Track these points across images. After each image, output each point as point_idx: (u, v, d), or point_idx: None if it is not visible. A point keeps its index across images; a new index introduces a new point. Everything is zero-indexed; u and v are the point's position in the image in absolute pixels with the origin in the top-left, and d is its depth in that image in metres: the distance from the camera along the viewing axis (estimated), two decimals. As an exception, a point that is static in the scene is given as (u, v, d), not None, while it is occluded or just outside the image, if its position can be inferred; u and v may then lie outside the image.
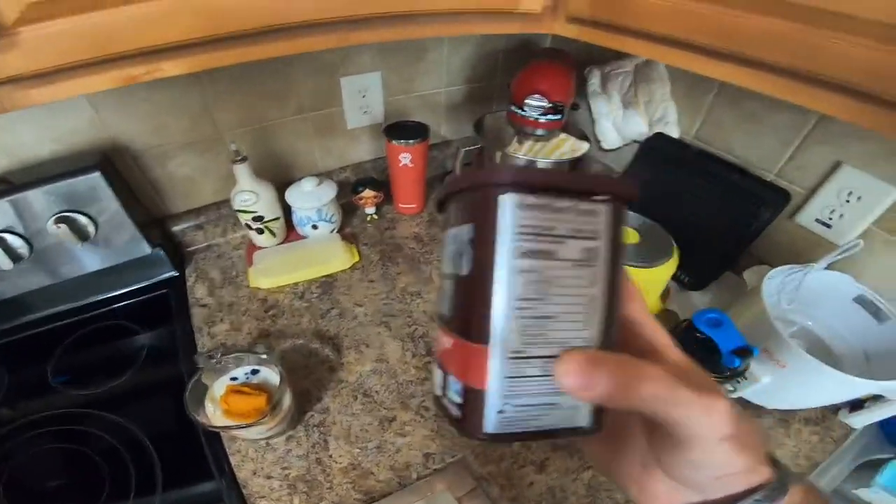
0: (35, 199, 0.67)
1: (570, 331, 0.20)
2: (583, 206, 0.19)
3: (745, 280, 0.74)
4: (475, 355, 0.20)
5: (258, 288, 0.83)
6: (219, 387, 0.61)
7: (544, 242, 0.19)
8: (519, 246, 0.19)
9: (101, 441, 0.62)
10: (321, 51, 0.80)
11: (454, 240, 0.22)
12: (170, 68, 0.48)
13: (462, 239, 0.21)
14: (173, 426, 0.65)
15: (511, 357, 0.20)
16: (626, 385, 0.19)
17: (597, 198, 0.20)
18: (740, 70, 0.44)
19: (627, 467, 0.26)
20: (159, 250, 0.82)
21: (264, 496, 0.57)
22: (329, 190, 0.85)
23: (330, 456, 0.62)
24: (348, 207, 0.98)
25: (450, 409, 0.22)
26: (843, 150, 0.65)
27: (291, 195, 0.85)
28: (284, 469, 0.60)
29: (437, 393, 0.25)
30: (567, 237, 0.19)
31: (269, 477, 0.59)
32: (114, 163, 0.75)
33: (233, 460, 0.60)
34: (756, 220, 0.73)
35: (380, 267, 0.89)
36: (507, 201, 0.19)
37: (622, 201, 0.20)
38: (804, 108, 0.42)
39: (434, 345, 0.28)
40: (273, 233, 0.86)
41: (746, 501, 0.21)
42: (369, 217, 0.97)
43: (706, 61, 0.46)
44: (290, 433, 0.64)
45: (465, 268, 0.21)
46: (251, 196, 0.78)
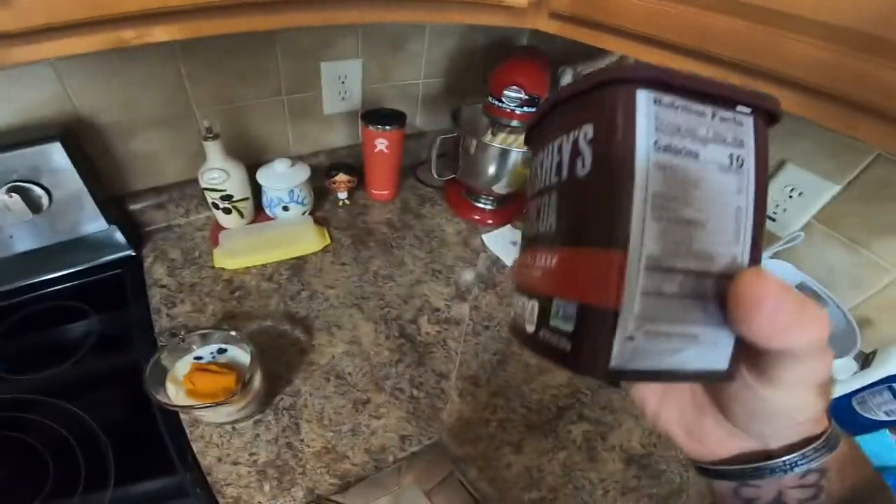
0: (-12, 167, 0.59)
1: (719, 244, 0.17)
2: (725, 114, 0.17)
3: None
4: (601, 265, 0.16)
5: (223, 269, 0.77)
6: (182, 366, 0.56)
7: (686, 140, 0.16)
8: (658, 139, 0.16)
9: (48, 430, 0.55)
10: (305, 33, 0.79)
11: (557, 151, 0.20)
12: (160, 34, 0.46)
13: (575, 143, 0.18)
14: (128, 413, 0.58)
15: (648, 267, 0.16)
16: (802, 322, 0.16)
17: (740, 108, 0.17)
18: (705, 67, 0.46)
19: (678, 409, 0.24)
20: (115, 228, 0.74)
21: (231, 483, 0.53)
22: (302, 172, 0.82)
23: (301, 440, 0.58)
24: (321, 191, 0.94)
25: (555, 343, 0.18)
26: (788, 149, 0.69)
27: (263, 175, 0.80)
28: (252, 455, 0.55)
29: (528, 329, 0.21)
30: (710, 140, 0.17)
31: (237, 463, 0.54)
32: (76, 135, 0.69)
33: (195, 447, 0.55)
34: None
35: (352, 250, 0.85)
36: (643, 96, 0.16)
37: (766, 117, 0.18)
38: None
39: (513, 275, 0.24)
40: (241, 213, 0.80)
41: (807, 450, 0.20)
42: (342, 202, 0.94)
43: (674, 58, 0.48)
44: (258, 417, 0.59)
45: (583, 169, 0.17)
46: (221, 174, 0.74)
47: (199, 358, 0.57)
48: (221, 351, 0.58)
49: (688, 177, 0.16)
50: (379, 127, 0.83)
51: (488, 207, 0.96)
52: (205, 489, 0.52)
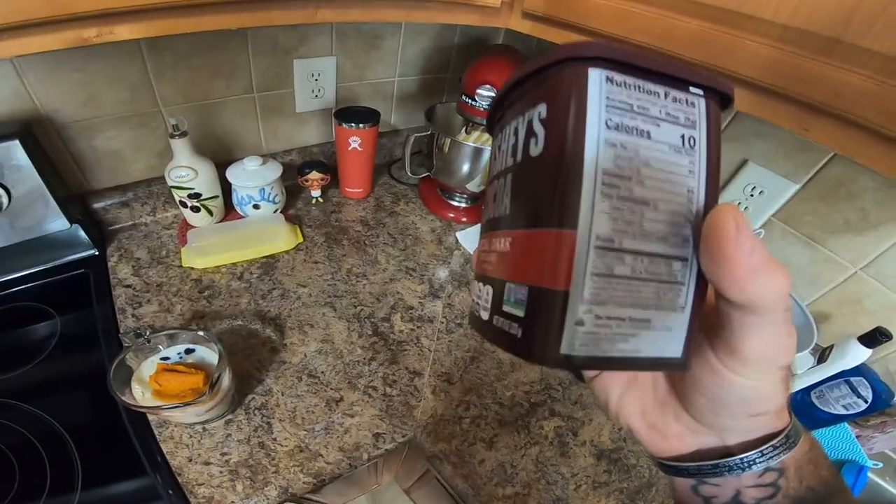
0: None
1: (670, 223, 0.16)
2: (678, 95, 0.17)
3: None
4: (552, 245, 0.16)
5: (192, 268, 0.75)
6: (148, 367, 0.54)
7: (638, 119, 0.16)
8: (609, 118, 0.16)
9: (12, 434, 0.53)
10: (279, 30, 0.78)
11: (513, 133, 0.19)
12: (123, 32, 0.45)
13: (529, 124, 0.18)
14: (94, 415, 0.57)
15: (599, 247, 0.16)
16: (771, 269, 0.16)
17: (693, 90, 0.17)
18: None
19: (640, 403, 0.24)
20: (78, 227, 0.72)
21: (203, 483, 0.51)
22: (274, 169, 0.80)
23: (274, 439, 0.57)
24: (293, 190, 0.92)
25: (507, 329, 0.18)
26: (749, 149, 0.71)
27: (233, 173, 0.78)
28: (224, 455, 0.54)
29: (483, 316, 0.20)
30: (662, 119, 0.17)
31: (208, 463, 0.53)
32: (35, 133, 0.66)
33: (164, 447, 0.54)
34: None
35: (324, 249, 0.84)
36: (596, 74, 0.16)
37: (719, 100, 0.18)
38: None
39: (473, 263, 0.24)
40: (210, 211, 0.78)
41: (765, 448, 0.20)
42: (314, 200, 0.92)
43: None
44: (230, 417, 0.58)
45: (536, 149, 0.17)
46: (189, 172, 0.72)
47: (166, 358, 0.56)
48: (189, 351, 0.57)
49: (639, 156, 0.16)
50: (352, 125, 0.82)
51: (462, 205, 0.96)
52: (176, 490, 0.51)
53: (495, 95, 0.21)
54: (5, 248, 0.68)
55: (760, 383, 0.18)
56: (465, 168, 0.85)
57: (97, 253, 0.75)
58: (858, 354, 0.55)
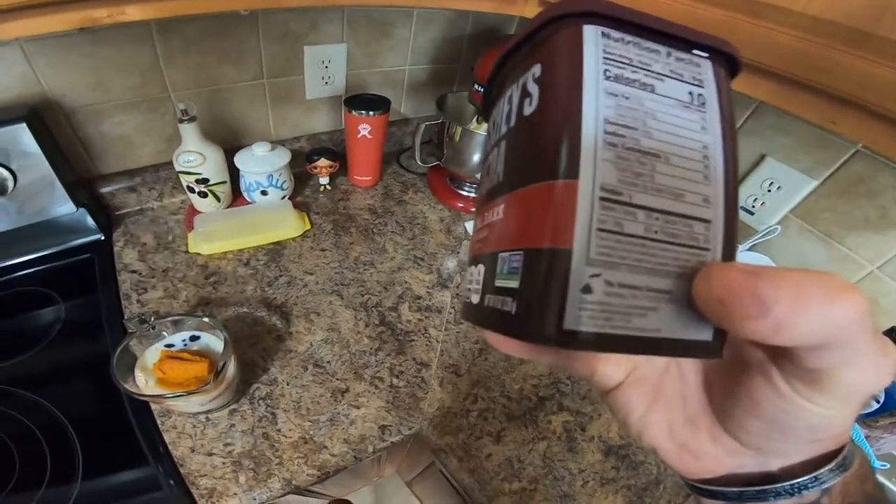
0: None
1: (686, 180, 0.14)
2: (681, 55, 0.15)
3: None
4: (548, 198, 0.13)
5: (198, 254, 0.73)
6: (152, 354, 0.52)
7: (639, 73, 0.14)
8: (607, 68, 0.14)
9: (13, 421, 0.51)
10: (290, 16, 0.75)
11: (508, 102, 0.18)
12: (134, 13, 0.43)
13: (523, 86, 0.16)
14: (96, 403, 0.55)
15: (605, 198, 0.13)
16: (810, 306, 0.12)
17: (697, 52, 0.15)
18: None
19: (667, 421, 0.20)
20: (84, 212, 0.70)
21: (205, 475, 0.50)
22: (282, 156, 0.78)
23: (278, 430, 0.55)
24: (301, 176, 0.90)
25: (499, 307, 0.15)
26: (768, 143, 0.68)
27: (241, 159, 0.76)
28: (227, 445, 0.52)
29: (474, 300, 0.18)
30: (665, 76, 0.15)
31: (211, 454, 0.51)
32: (43, 117, 0.64)
33: (167, 437, 0.52)
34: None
35: (332, 236, 0.82)
36: (591, 30, 0.14)
37: (726, 66, 0.16)
38: (741, 99, 0.44)
39: (469, 246, 0.21)
40: (217, 197, 0.76)
41: (820, 472, 0.17)
42: (322, 187, 0.90)
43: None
44: (234, 407, 0.56)
45: (530, 107, 0.15)
46: (197, 157, 0.69)
47: (171, 345, 0.54)
48: (194, 338, 0.55)
49: (643, 107, 0.14)
50: (363, 112, 0.80)
51: (472, 195, 0.94)
52: (177, 481, 0.49)
53: (491, 68, 0.19)
54: (11, 232, 0.66)
55: (838, 411, 0.15)
56: (476, 157, 0.83)
57: (103, 238, 0.73)
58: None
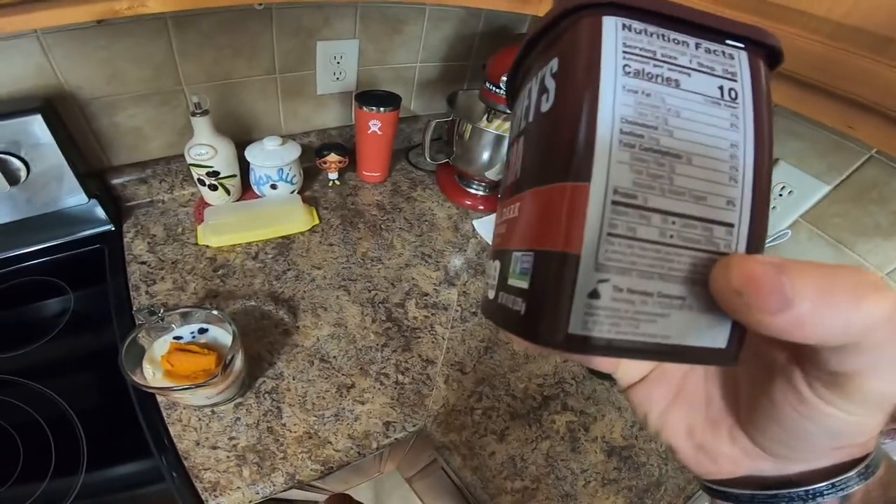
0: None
1: (709, 181, 0.13)
2: (713, 46, 0.14)
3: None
4: (560, 201, 0.13)
5: (207, 246, 0.72)
6: (160, 346, 0.52)
7: (663, 68, 0.13)
8: (627, 63, 0.13)
9: (18, 412, 0.51)
10: (304, 11, 0.73)
11: (527, 96, 0.17)
12: (154, 5, 0.43)
13: (542, 81, 0.15)
14: (103, 395, 0.54)
15: (618, 202, 0.13)
16: (837, 302, 0.11)
17: (731, 42, 0.14)
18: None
19: (687, 420, 0.19)
20: (96, 202, 0.69)
21: (209, 468, 0.49)
22: (292, 150, 0.76)
23: (283, 424, 0.54)
24: (310, 171, 0.89)
25: (510, 305, 0.15)
26: (782, 147, 0.66)
27: (252, 153, 0.75)
28: (232, 439, 0.52)
29: (490, 295, 0.17)
30: (693, 69, 0.13)
31: (215, 447, 0.51)
32: (57, 108, 0.63)
33: (172, 430, 0.51)
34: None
35: (340, 231, 0.81)
36: (611, 22, 0.13)
37: (764, 55, 0.14)
38: None
39: (490, 244, 0.21)
40: (227, 190, 0.75)
41: (838, 480, 0.16)
42: (332, 182, 0.89)
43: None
44: (239, 400, 0.56)
45: (547, 103, 0.14)
46: (208, 150, 0.68)
47: (179, 338, 0.53)
48: (202, 331, 0.54)
49: (665, 103, 0.13)
50: (373, 108, 0.79)
51: (480, 193, 0.92)
52: (181, 474, 0.49)
53: (514, 60, 0.18)
54: (22, 222, 0.65)
55: (863, 418, 0.14)
56: (486, 156, 0.81)
57: (113, 229, 0.72)
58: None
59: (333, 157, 0.84)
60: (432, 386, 0.62)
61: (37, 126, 0.59)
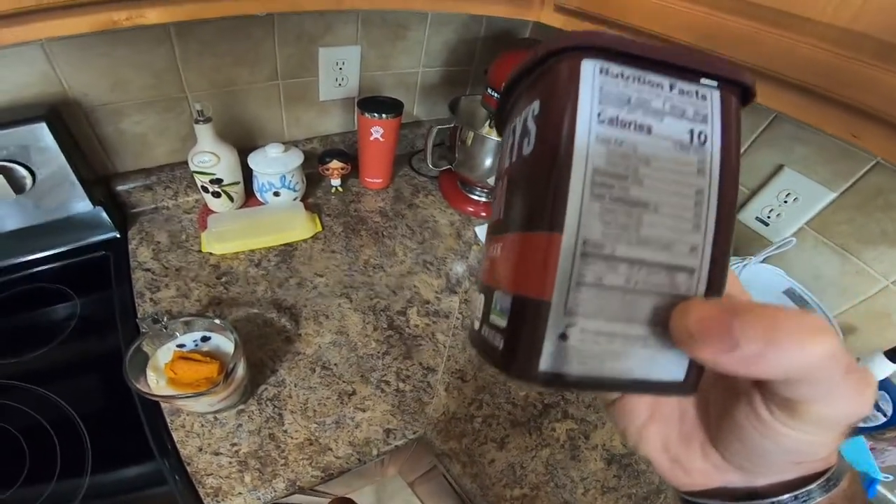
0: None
1: (673, 230, 0.14)
2: (686, 87, 0.14)
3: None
4: (536, 249, 0.14)
5: (210, 253, 0.73)
6: (163, 354, 0.52)
7: (636, 113, 0.14)
8: (602, 110, 0.14)
9: (24, 416, 0.52)
10: (306, 18, 0.74)
11: (511, 133, 0.17)
12: (152, 16, 0.43)
13: (524, 122, 0.16)
14: (107, 401, 0.55)
15: (587, 253, 0.14)
16: (780, 344, 0.12)
17: (705, 81, 0.14)
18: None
19: (663, 436, 0.21)
20: (101, 209, 0.70)
21: (211, 474, 0.50)
22: (295, 157, 0.77)
23: (285, 431, 0.55)
24: (313, 178, 0.89)
25: (490, 340, 0.16)
26: (787, 154, 0.66)
27: (255, 160, 0.75)
28: (234, 445, 0.52)
29: (475, 326, 0.18)
30: (666, 113, 0.14)
31: (217, 453, 0.51)
32: (62, 116, 0.64)
33: (175, 436, 0.52)
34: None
35: (342, 238, 0.81)
36: (590, 66, 0.14)
37: (738, 93, 0.15)
38: (760, 109, 0.43)
39: (478, 271, 0.22)
40: (231, 197, 0.76)
41: (800, 492, 0.17)
42: (334, 189, 0.89)
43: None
44: (242, 407, 0.56)
45: (528, 147, 0.15)
46: (211, 157, 0.69)
47: (182, 346, 0.54)
48: (205, 339, 0.55)
49: (637, 152, 0.14)
50: (375, 115, 0.79)
51: (482, 199, 0.92)
52: (184, 479, 0.49)
53: (501, 93, 0.19)
54: (28, 229, 0.66)
55: (818, 437, 0.15)
56: (488, 162, 0.81)
57: (118, 235, 0.73)
58: (884, 368, 0.52)
59: (336, 164, 0.84)
60: (433, 393, 0.62)
61: (42, 134, 0.60)
